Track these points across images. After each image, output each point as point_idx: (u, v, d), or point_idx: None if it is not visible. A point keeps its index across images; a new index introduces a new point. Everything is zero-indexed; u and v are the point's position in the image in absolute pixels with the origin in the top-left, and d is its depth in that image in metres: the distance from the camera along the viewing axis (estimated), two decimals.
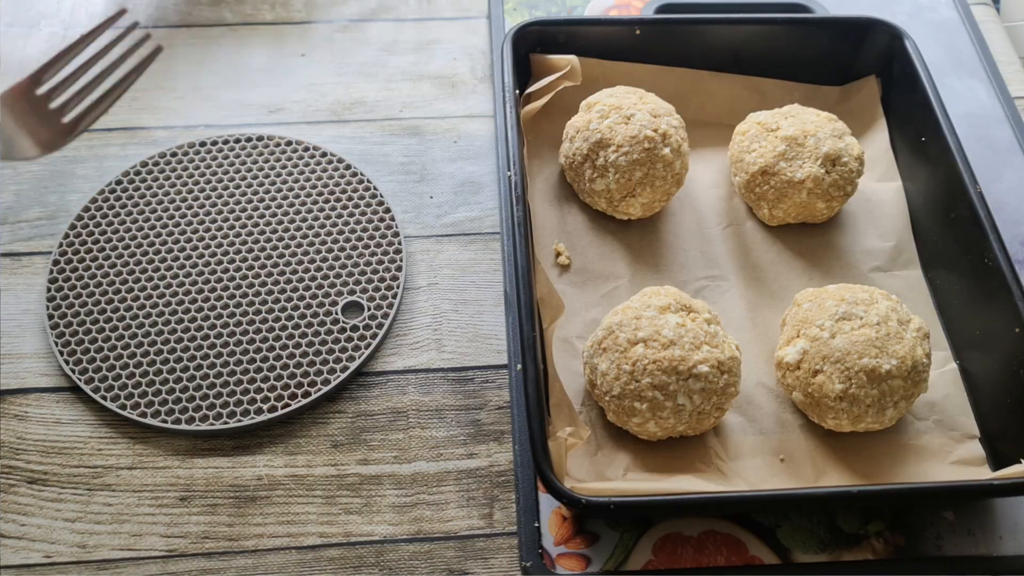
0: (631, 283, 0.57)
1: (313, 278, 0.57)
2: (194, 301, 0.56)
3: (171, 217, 0.60)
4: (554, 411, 0.49)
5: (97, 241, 0.58)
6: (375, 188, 0.62)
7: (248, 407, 0.52)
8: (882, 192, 0.62)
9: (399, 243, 0.59)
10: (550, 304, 0.51)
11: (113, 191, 0.61)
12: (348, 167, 0.63)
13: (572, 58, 0.62)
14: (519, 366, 0.48)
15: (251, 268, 0.57)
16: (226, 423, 0.51)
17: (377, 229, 0.60)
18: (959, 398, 0.53)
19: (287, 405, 0.52)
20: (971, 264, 0.54)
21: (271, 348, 0.54)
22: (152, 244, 0.58)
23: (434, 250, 0.60)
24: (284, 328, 0.55)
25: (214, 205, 0.60)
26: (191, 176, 0.62)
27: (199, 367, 0.53)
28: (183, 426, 0.51)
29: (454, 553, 0.48)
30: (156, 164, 0.62)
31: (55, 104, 0.56)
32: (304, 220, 0.60)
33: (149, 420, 0.51)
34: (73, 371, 0.53)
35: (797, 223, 0.60)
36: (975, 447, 0.51)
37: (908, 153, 0.62)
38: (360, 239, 0.59)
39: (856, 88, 0.66)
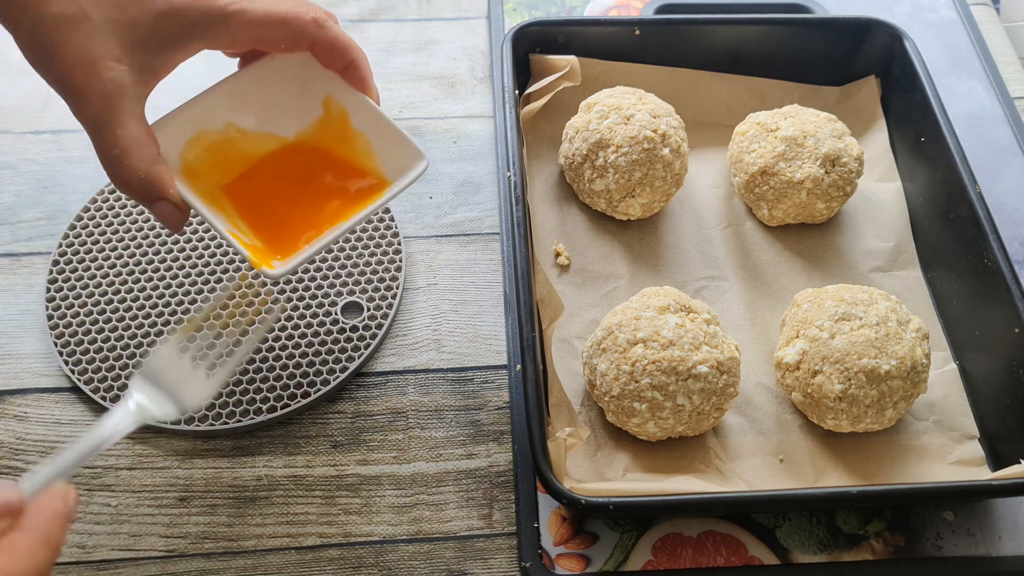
0: (631, 283, 0.57)
1: (313, 279, 0.57)
2: (193, 301, 0.56)
3: None
4: (553, 411, 0.49)
5: (96, 241, 0.58)
6: None
7: (248, 407, 0.52)
8: (882, 192, 0.62)
9: (399, 243, 0.59)
10: (550, 304, 0.51)
11: (113, 191, 0.61)
12: None
13: (572, 58, 0.62)
14: (519, 367, 0.48)
15: (251, 268, 0.57)
16: (226, 423, 0.51)
17: (376, 229, 0.60)
18: (959, 398, 0.53)
19: (287, 405, 0.52)
20: (971, 264, 0.54)
21: (271, 348, 0.54)
22: (152, 244, 0.58)
23: (434, 250, 0.60)
24: (284, 328, 0.55)
25: None
26: None
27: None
28: (183, 426, 0.51)
29: (453, 553, 0.48)
30: None
31: None
32: None
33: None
34: (72, 371, 0.53)
35: (796, 223, 0.60)
36: (974, 447, 0.51)
37: (908, 153, 0.62)
38: (360, 239, 0.59)
39: (856, 88, 0.66)
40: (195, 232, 0.59)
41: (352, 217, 0.45)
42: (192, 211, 0.45)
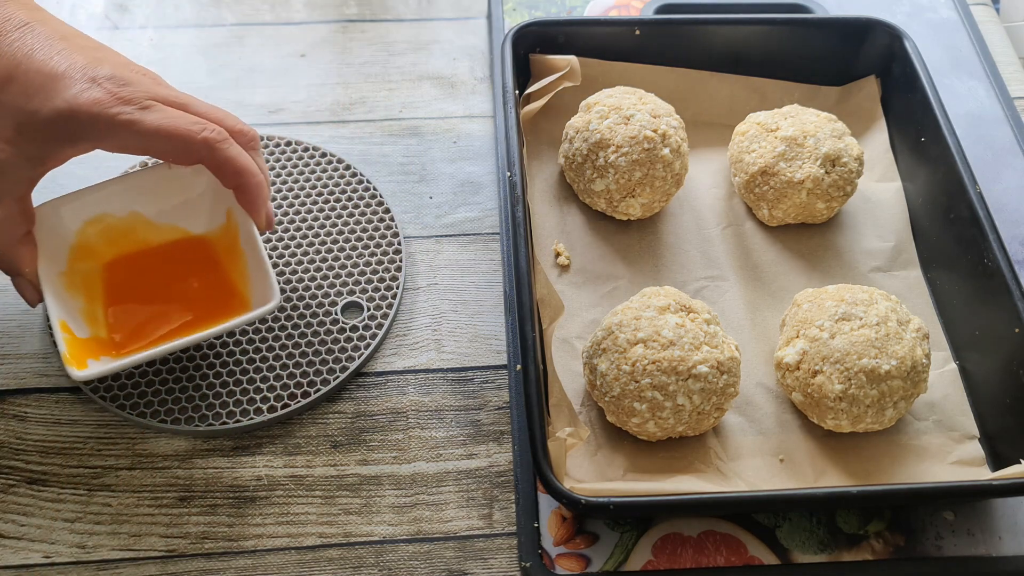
0: (631, 283, 0.57)
1: (313, 278, 0.57)
2: None
3: None
4: (553, 411, 0.49)
5: None
6: (375, 188, 0.62)
7: (248, 407, 0.52)
8: (882, 192, 0.62)
9: (399, 243, 0.59)
10: (550, 304, 0.51)
11: None
12: (348, 167, 0.63)
13: (572, 58, 0.62)
14: (519, 367, 0.48)
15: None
16: (226, 423, 0.51)
17: (377, 229, 0.60)
18: (959, 398, 0.53)
19: (287, 405, 0.52)
20: (971, 264, 0.54)
21: (271, 348, 0.54)
22: None
23: (434, 250, 0.60)
24: (284, 328, 0.55)
25: None
26: None
27: (199, 367, 0.53)
28: (183, 426, 0.51)
29: (453, 553, 0.48)
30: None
31: None
32: (304, 221, 0.60)
33: (149, 420, 0.51)
34: None
35: (797, 223, 0.60)
36: (974, 447, 0.51)
37: (908, 153, 0.62)
38: (360, 239, 0.59)
39: (856, 88, 0.66)
40: None
41: (177, 341, 0.48)
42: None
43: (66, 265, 0.51)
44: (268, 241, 0.59)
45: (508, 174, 0.54)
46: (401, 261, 0.58)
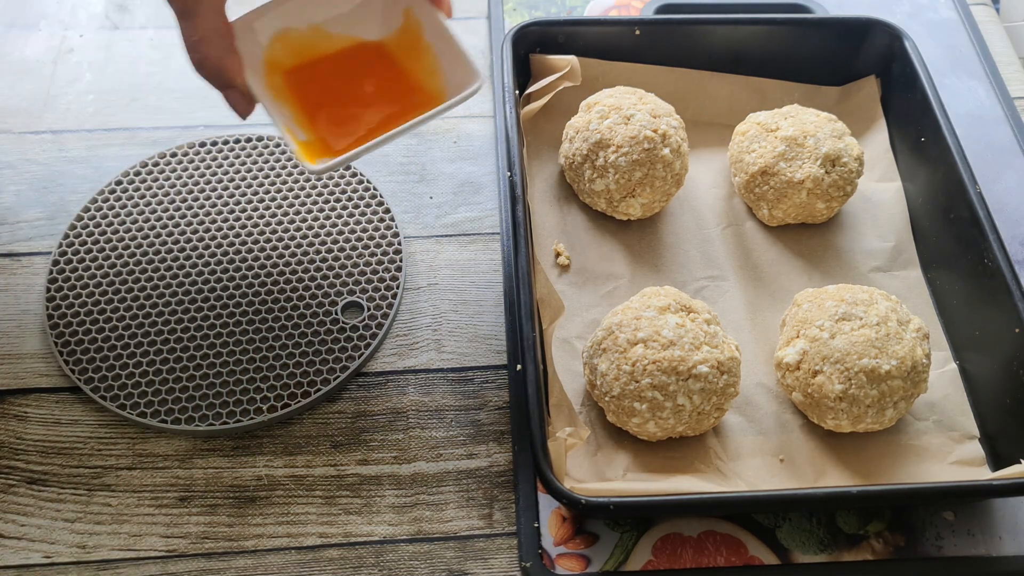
0: (631, 283, 0.57)
1: (313, 278, 0.57)
2: (194, 301, 0.56)
3: (171, 217, 0.60)
4: (554, 411, 0.49)
5: (97, 241, 0.58)
6: (375, 188, 0.62)
7: (248, 407, 0.52)
8: (882, 192, 0.62)
9: (399, 243, 0.59)
10: (550, 304, 0.51)
11: (113, 191, 0.61)
12: (348, 167, 0.63)
13: (572, 58, 0.62)
14: (519, 366, 0.48)
15: (251, 268, 0.57)
16: (226, 423, 0.51)
17: (377, 229, 0.60)
18: (959, 398, 0.53)
19: (287, 405, 0.52)
20: (971, 264, 0.54)
21: (271, 348, 0.54)
22: (152, 244, 0.58)
23: (434, 250, 0.60)
24: (284, 328, 0.55)
25: (213, 205, 0.60)
26: (191, 176, 0.62)
27: (199, 367, 0.53)
28: (183, 426, 0.51)
29: (454, 553, 0.48)
30: (156, 164, 0.62)
31: None
32: (304, 220, 0.60)
33: (149, 420, 0.51)
34: (73, 371, 0.53)
35: (797, 223, 0.60)
36: (975, 447, 0.51)
37: (908, 153, 0.62)
38: (360, 239, 0.59)
39: (856, 88, 0.66)
40: (195, 232, 0.59)
41: (393, 130, 0.47)
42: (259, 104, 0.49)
43: (264, 78, 0.51)
44: (268, 240, 0.59)
45: (508, 174, 0.54)
46: (401, 261, 0.58)
